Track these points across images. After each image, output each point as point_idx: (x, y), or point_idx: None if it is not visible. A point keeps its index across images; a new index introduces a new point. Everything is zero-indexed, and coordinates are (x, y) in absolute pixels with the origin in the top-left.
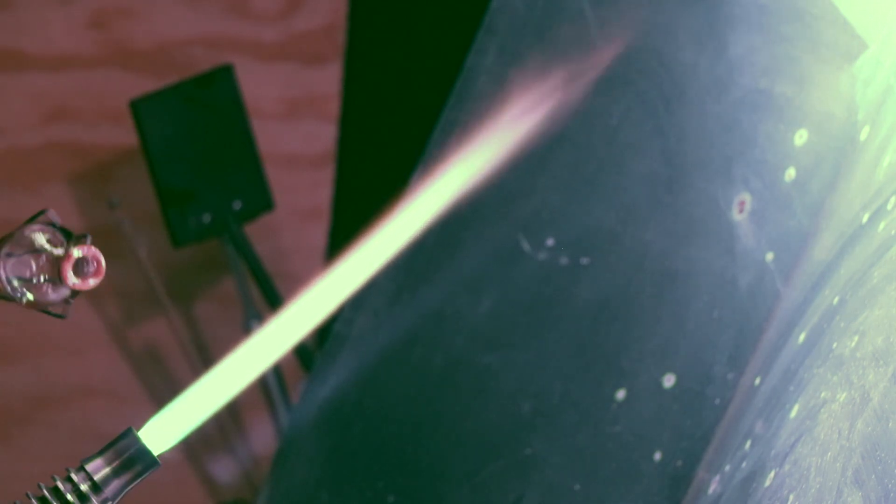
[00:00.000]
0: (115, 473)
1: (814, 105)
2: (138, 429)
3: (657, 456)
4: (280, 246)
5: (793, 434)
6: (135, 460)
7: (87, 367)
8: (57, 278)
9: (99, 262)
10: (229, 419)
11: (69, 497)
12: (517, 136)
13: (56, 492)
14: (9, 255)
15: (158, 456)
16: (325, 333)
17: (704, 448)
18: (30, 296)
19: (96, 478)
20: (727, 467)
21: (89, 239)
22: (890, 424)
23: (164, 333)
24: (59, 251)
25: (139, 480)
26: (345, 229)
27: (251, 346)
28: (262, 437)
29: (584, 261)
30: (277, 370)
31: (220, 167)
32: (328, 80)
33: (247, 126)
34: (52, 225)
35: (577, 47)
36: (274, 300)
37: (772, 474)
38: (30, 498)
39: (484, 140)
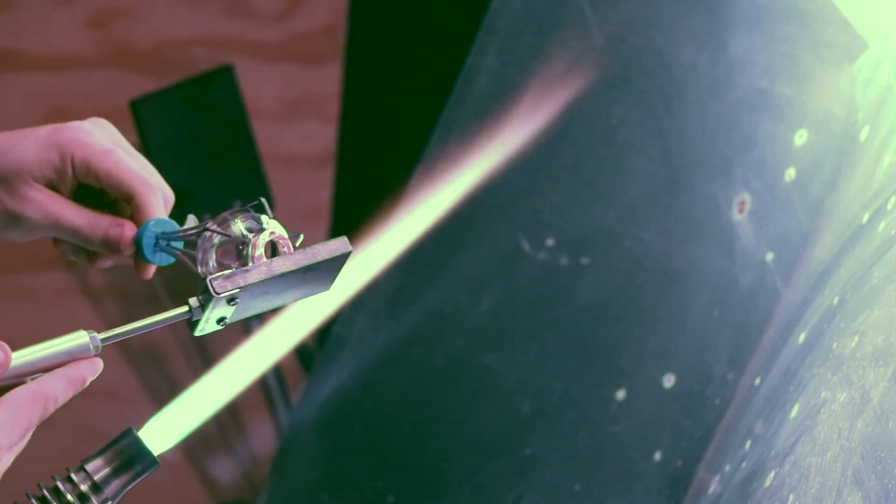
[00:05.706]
0: (115, 473)
1: (814, 105)
2: (138, 429)
3: (657, 456)
4: None
5: (793, 434)
6: (135, 460)
7: None
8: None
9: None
10: (229, 419)
11: (69, 497)
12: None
13: (56, 492)
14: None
15: (158, 456)
16: (326, 334)
17: (704, 448)
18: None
19: (96, 478)
20: (727, 467)
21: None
22: (890, 424)
23: (164, 333)
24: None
25: (139, 480)
26: (345, 229)
27: (251, 346)
28: (262, 437)
29: (584, 261)
30: (277, 370)
31: (220, 167)
32: (328, 80)
33: (247, 126)
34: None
35: (577, 47)
36: None
37: (772, 474)
38: (30, 498)
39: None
